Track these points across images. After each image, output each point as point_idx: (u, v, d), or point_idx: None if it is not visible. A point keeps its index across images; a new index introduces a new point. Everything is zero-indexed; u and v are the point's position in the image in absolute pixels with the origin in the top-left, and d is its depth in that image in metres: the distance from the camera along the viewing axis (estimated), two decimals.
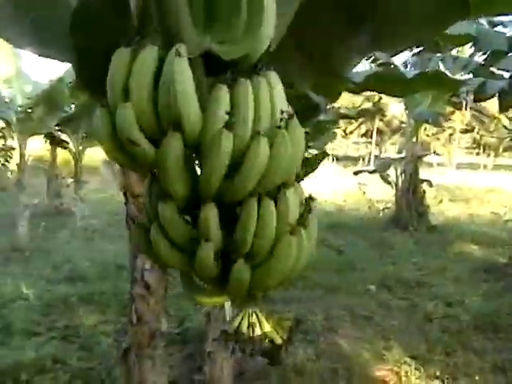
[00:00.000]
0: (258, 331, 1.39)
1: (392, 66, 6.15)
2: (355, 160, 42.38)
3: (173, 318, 6.04)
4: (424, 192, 13.75)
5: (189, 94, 1.14)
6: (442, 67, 9.53)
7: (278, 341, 1.41)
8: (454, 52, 10.47)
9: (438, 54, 10.60)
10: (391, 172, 13.72)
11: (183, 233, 1.25)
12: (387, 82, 4.23)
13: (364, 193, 17.15)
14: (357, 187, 17.88)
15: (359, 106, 32.73)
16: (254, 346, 1.42)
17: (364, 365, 5.46)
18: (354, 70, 4.86)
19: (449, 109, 17.53)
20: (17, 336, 5.39)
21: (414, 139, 13.46)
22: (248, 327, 1.38)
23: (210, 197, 1.19)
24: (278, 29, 1.78)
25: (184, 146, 1.16)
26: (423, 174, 14.36)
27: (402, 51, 2.74)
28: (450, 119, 29.62)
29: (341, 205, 17.11)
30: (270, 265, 1.26)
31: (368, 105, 38.79)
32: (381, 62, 8.56)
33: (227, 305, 4.67)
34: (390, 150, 45.04)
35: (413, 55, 11.21)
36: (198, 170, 1.24)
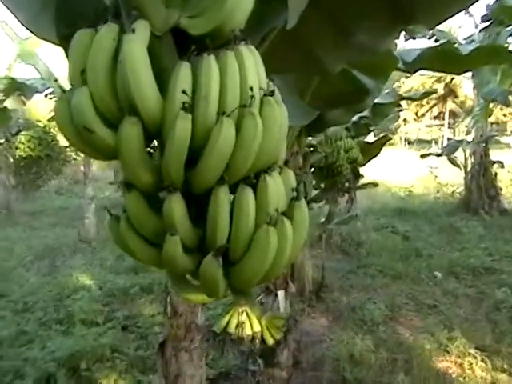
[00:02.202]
0: (247, 331, 1.27)
1: (448, 42, 5.78)
2: (427, 143, 40.95)
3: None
4: (495, 174, 12.99)
5: (141, 74, 1.02)
6: None
7: (270, 341, 1.29)
8: None
9: (509, 28, 9.95)
10: (460, 154, 13.05)
11: (151, 225, 1.14)
12: (442, 58, 3.95)
13: (436, 177, 16.51)
14: (427, 171, 17.25)
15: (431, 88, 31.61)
16: (243, 346, 1.30)
17: (425, 356, 5.19)
18: (406, 49, 4.62)
19: None
20: (78, 325, 5.54)
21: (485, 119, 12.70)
22: (237, 326, 1.27)
23: (175, 186, 1.08)
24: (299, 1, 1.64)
25: (145, 131, 1.06)
26: (496, 155, 13.59)
27: (440, 23, 2.52)
28: None
29: (409, 189, 16.52)
30: (248, 259, 1.13)
31: (439, 86, 37.36)
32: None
33: (281, 294, 4.60)
34: (464, 132, 43.15)
35: (480, 31, 10.58)
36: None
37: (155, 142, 1.16)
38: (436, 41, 9.62)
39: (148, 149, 1.15)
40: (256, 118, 1.06)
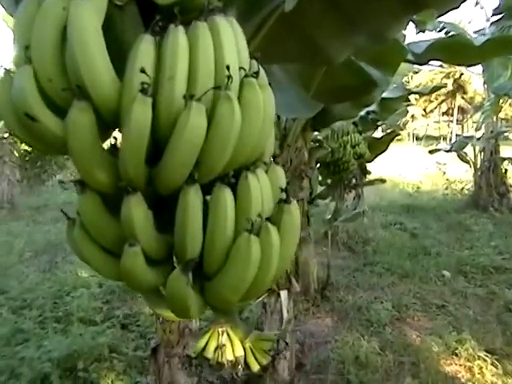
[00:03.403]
0: (228, 355, 1.08)
1: (460, 34, 5.56)
2: (436, 139, 40.59)
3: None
4: (506, 171, 12.69)
5: (91, 47, 0.83)
6: None
7: (256, 367, 1.09)
8: None
9: None
10: (469, 151, 12.78)
11: (110, 232, 0.95)
12: (453, 50, 3.73)
13: (444, 173, 16.24)
14: (435, 167, 16.98)
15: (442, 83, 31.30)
16: (223, 372, 1.11)
17: (433, 359, 4.99)
18: (415, 40, 4.41)
19: None
20: (76, 324, 5.37)
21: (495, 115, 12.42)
22: (216, 350, 1.07)
23: (135, 185, 0.88)
24: None
25: (99, 119, 0.87)
26: (506, 151, 13.32)
27: (452, 9, 2.32)
28: None
29: (417, 185, 16.27)
30: (225, 273, 0.94)
31: (448, 82, 37.04)
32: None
33: (283, 294, 4.42)
34: (473, 128, 42.81)
35: (491, 24, 10.30)
36: None
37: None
38: (447, 34, 9.38)
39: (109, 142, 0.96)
40: (233, 103, 0.87)
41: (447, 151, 12.68)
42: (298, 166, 5.41)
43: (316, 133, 6.62)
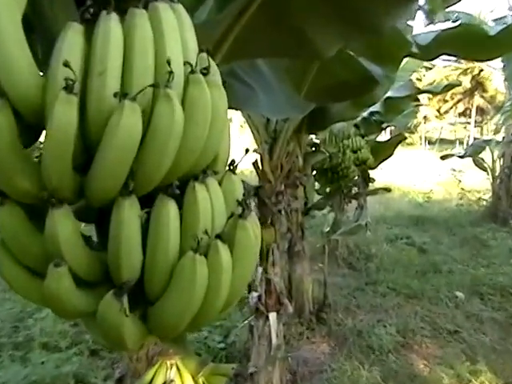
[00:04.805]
0: None
1: (472, 23, 5.53)
2: (451, 143, 40.70)
3: (218, 329, 5.81)
4: None
5: (6, 34, 0.80)
6: None
7: None
8: None
9: None
10: (487, 156, 12.78)
11: (33, 250, 0.92)
12: (464, 41, 3.66)
13: (459, 181, 16.26)
14: (449, 174, 17.00)
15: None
16: None
17: None
18: (421, 32, 4.38)
19: None
20: (38, 350, 5.31)
21: None
22: None
23: (61, 196, 0.86)
24: None
25: (19, 119, 0.84)
26: None
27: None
28: None
29: (428, 195, 16.29)
30: (168, 298, 0.92)
31: (465, 79, 37.16)
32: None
33: (272, 317, 4.40)
34: (493, 130, 42.94)
35: None
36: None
37: None
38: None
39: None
40: (172, 102, 0.84)
41: (461, 157, 12.68)
42: (291, 172, 5.39)
43: (312, 136, 6.62)
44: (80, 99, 0.82)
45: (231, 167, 1.06)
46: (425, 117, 39.92)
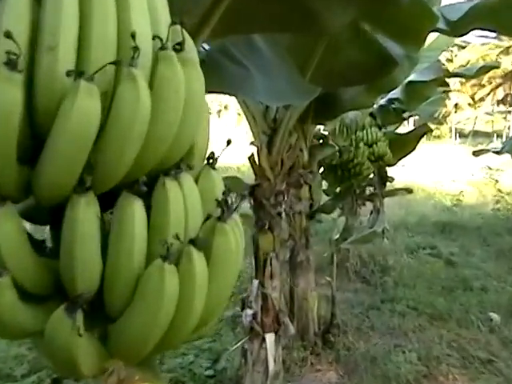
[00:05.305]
0: None
1: None
2: (488, 137, 40.68)
3: (206, 353, 5.81)
4: None
5: None
6: None
7: None
8: None
9: None
10: None
11: None
12: (504, 13, 3.65)
13: (496, 182, 16.25)
14: (484, 174, 17.00)
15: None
16: None
17: None
18: (451, 4, 4.36)
19: None
20: None
21: None
22: None
23: (3, 192, 0.86)
24: None
25: None
26: None
27: None
28: None
29: (458, 197, 16.28)
30: (131, 314, 0.92)
31: (506, 60, 37.06)
32: None
33: (269, 339, 4.40)
34: None
35: None
36: None
37: None
38: None
39: None
40: (137, 84, 0.85)
41: (498, 152, 12.68)
42: (295, 169, 5.39)
43: (319, 126, 6.61)
44: (27, 77, 0.82)
45: (210, 161, 1.06)
46: (456, 105, 39.92)
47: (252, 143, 4.50)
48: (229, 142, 1.09)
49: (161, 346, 0.97)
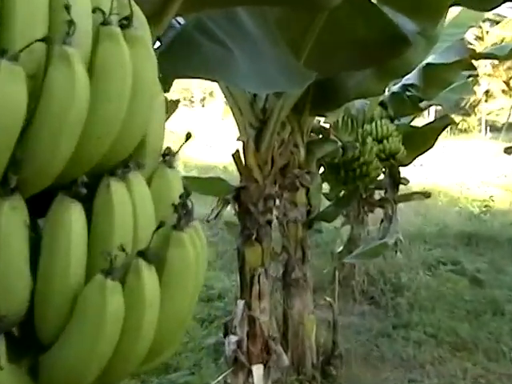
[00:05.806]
0: None
1: None
2: None
3: None
4: None
5: None
6: None
7: None
8: None
9: None
10: None
11: None
12: None
13: None
14: None
15: None
16: None
17: None
18: None
19: None
20: None
21: None
22: None
23: None
24: None
25: None
26: None
27: None
28: None
29: (487, 203, 16.30)
30: (66, 341, 0.93)
31: None
32: None
33: (257, 371, 4.39)
34: None
35: None
36: None
37: None
38: None
39: None
40: (73, 66, 0.86)
41: None
42: (289, 169, 5.39)
43: (319, 118, 6.61)
44: None
45: (166, 158, 1.06)
46: (486, 92, 39.93)
47: (239, 138, 4.49)
48: (188, 136, 1.09)
49: (103, 379, 0.97)
